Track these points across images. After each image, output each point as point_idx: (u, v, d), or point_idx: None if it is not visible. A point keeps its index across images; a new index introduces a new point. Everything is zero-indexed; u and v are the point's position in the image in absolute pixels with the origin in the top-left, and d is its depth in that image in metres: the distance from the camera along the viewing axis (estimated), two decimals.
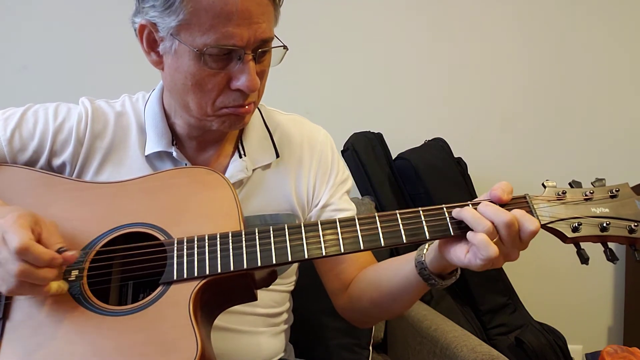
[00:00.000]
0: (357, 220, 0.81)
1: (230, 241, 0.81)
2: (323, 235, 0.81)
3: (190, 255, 0.81)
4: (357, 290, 1.02)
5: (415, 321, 1.42)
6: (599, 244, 0.81)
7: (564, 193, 0.82)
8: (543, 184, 0.83)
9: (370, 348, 1.48)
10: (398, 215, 0.81)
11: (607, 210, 0.80)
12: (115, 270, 0.86)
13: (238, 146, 1.03)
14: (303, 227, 0.81)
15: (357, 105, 1.99)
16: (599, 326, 2.16)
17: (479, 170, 1.89)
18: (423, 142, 1.88)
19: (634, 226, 0.78)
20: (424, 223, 0.80)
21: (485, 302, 1.73)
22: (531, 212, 0.80)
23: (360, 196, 1.79)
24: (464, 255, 0.78)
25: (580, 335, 2.10)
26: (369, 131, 1.86)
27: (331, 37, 1.97)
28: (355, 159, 1.81)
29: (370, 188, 1.78)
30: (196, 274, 0.79)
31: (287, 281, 1.10)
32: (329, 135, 1.12)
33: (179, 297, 0.78)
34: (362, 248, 0.80)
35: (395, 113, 2.02)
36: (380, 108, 2.01)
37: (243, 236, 0.81)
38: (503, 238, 0.77)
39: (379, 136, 1.85)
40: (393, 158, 1.86)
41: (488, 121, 2.07)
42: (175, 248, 0.82)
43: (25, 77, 1.84)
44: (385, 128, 1.88)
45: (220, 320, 0.89)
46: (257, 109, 1.08)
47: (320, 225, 0.81)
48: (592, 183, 0.83)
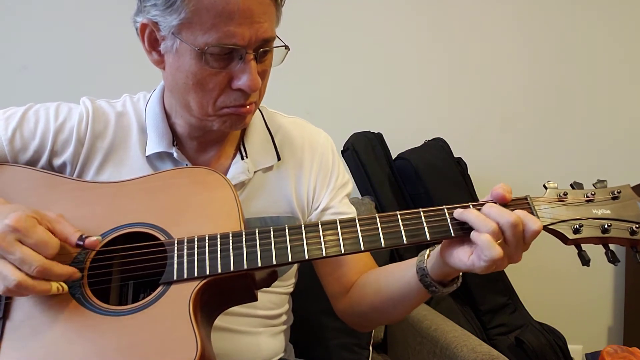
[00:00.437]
0: (358, 221, 0.81)
1: (230, 241, 0.81)
2: (323, 235, 0.80)
3: (190, 255, 0.81)
4: (358, 294, 1.01)
5: (415, 321, 1.42)
6: (600, 245, 0.81)
7: (565, 194, 0.81)
8: (544, 185, 0.83)
9: (370, 348, 1.48)
10: (399, 216, 0.81)
11: (609, 211, 0.80)
12: (115, 270, 0.86)
13: (240, 148, 1.03)
14: (303, 228, 0.81)
15: (357, 105, 1.99)
16: (599, 326, 2.16)
17: (479, 170, 1.89)
18: (423, 142, 1.88)
19: (636, 228, 0.78)
20: (425, 224, 0.80)
21: (485, 302, 1.73)
22: (532, 214, 0.80)
23: (360, 196, 1.79)
24: (467, 257, 0.77)
25: (580, 335, 2.10)
26: (369, 131, 1.86)
27: (331, 38, 1.97)
28: (355, 159, 1.81)
29: (370, 188, 1.78)
30: (196, 274, 0.79)
31: (287, 283, 1.10)
32: (330, 138, 1.12)
33: (179, 297, 0.78)
34: (363, 249, 0.80)
35: (395, 113, 2.02)
36: (380, 108, 2.01)
37: (243, 236, 0.81)
38: (508, 239, 0.76)
39: (379, 136, 1.85)
40: (393, 158, 1.86)
41: (488, 121, 2.06)
42: (175, 248, 0.82)
43: (25, 77, 1.84)
44: (385, 128, 1.88)
45: (219, 320, 0.89)
46: (259, 111, 1.08)
47: (320, 225, 0.81)
48: (594, 184, 0.83)
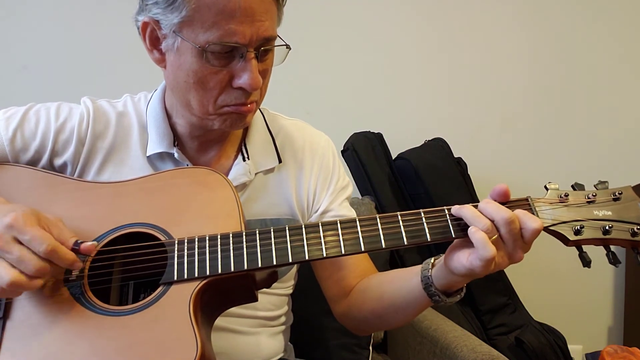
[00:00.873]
0: (358, 221, 0.81)
1: (230, 242, 0.81)
2: (324, 236, 0.81)
3: (190, 255, 0.81)
4: (359, 299, 1.01)
5: (415, 321, 1.42)
6: (601, 247, 0.81)
7: (567, 195, 0.81)
8: (545, 186, 0.83)
9: (370, 348, 1.48)
10: (399, 216, 0.81)
11: (610, 213, 0.80)
12: (115, 270, 0.86)
13: (241, 149, 1.03)
14: (304, 228, 0.81)
15: (357, 105, 1.99)
16: (599, 326, 2.16)
17: (479, 170, 1.89)
18: (423, 142, 1.88)
19: (637, 229, 0.78)
20: (425, 224, 0.80)
21: (485, 302, 1.73)
22: (533, 214, 0.79)
23: (360, 196, 1.78)
24: (466, 258, 0.78)
25: (580, 335, 2.10)
26: (369, 131, 1.86)
27: (331, 37, 1.97)
28: (355, 159, 1.81)
29: (370, 188, 1.78)
30: (197, 275, 0.79)
31: (286, 285, 1.10)
32: (331, 141, 1.12)
33: (180, 298, 0.78)
34: (363, 249, 0.80)
35: (395, 113, 2.02)
36: (380, 108, 2.01)
37: (244, 237, 0.81)
38: (504, 236, 0.76)
39: (379, 136, 1.85)
40: (393, 158, 1.85)
41: (488, 121, 2.06)
42: (175, 248, 0.82)
43: (25, 77, 1.83)
44: (385, 128, 1.88)
45: (219, 320, 0.89)
46: (261, 113, 1.08)
47: (321, 226, 0.81)
48: (595, 186, 0.83)
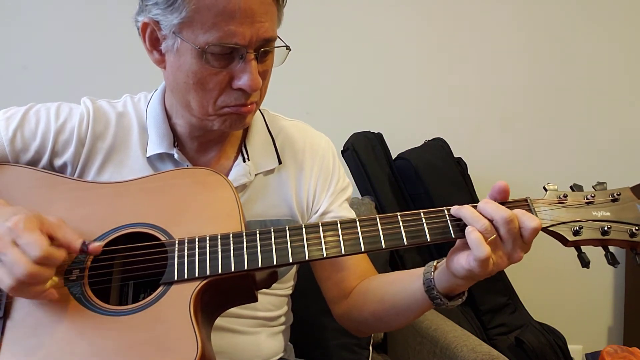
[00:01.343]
0: (358, 221, 0.81)
1: (231, 242, 0.81)
2: (324, 236, 0.81)
3: (191, 255, 0.81)
4: (359, 300, 1.01)
5: (415, 321, 1.41)
6: (600, 247, 0.81)
7: (565, 196, 0.82)
8: (544, 187, 0.83)
9: (370, 348, 1.48)
10: (399, 216, 0.81)
11: (608, 214, 0.80)
12: (116, 270, 0.86)
13: (242, 150, 1.03)
14: (304, 228, 0.81)
15: (357, 105, 1.99)
16: (599, 326, 2.16)
17: (479, 170, 1.89)
18: (423, 142, 1.88)
19: (635, 230, 0.78)
20: (425, 225, 0.80)
21: (485, 302, 1.73)
22: None
23: (360, 196, 1.78)
24: (465, 260, 0.78)
25: (580, 335, 2.10)
26: (369, 131, 1.86)
27: (331, 38, 1.97)
28: (355, 159, 1.81)
29: (370, 188, 1.78)
30: (197, 275, 0.79)
31: (286, 285, 1.10)
32: (331, 142, 1.12)
33: (180, 298, 0.78)
34: (363, 249, 0.80)
35: (395, 113, 2.02)
36: (380, 108, 2.01)
37: (244, 237, 0.81)
38: (503, 236, 0.77)
39: (379, 136, 1.85)
40: (393, 158, 1.85)
41: (488, 121, 2.06)
42: (176, 248, 0.82)
43: (25, 77, 1.83)
44: (385, 128, 1.88)
45: (219, 320, 0.89)
46: (261, 114, 1.08)
47: (321, 226, 0.81)
48: (594, 186, 0.83)
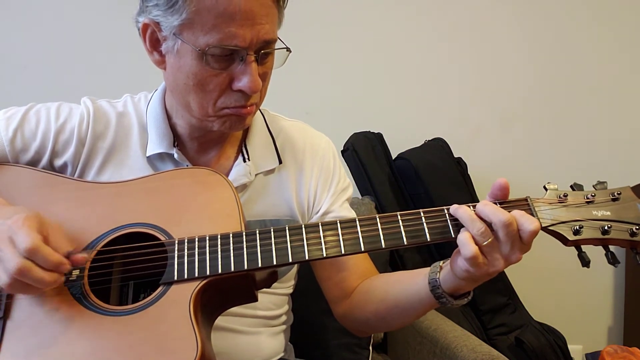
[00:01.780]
0: (358, 221, 0.81)
1: (231, 242, 0.81)
2: (324, 236, 0.81)
3: (190, 255, 0.81)
4: (362, 300, 1.00)
5: (415, 321, 1.42)
6: (600, 247, 0.81)
7: (566, 196, 0.81)
8: (545, 187, 0.83)
9: (370, 348, 1.48)
10: (399, 216, 0.81)
11: (609, 213, 0.80)
12: (116, 270, 0.86)
13: (242, 150, 1.03)
14: (304, 228, 0.81)
15: (357, 105, 1.99)
16: (599, 326, 2.16)
17: (479, 170, 1.89)
18: (423, 142, 1.88)
19: (636, 229, 0.78)
20: (425, 224, 0.80)
21: (485, 302, 1.73)
22: (533, 215, 0.79)
23: (360, 196, 1.78)
24: (462, 260, 0.77)
25: (580, 335, 2.10)
26: (369, 131, 1.86)
27: (331, 38, 1.96)
28: (355, 159, 1.81)
29: (370, 188, 1.78)
30: (197, 275, 0.79)
31: (286, 285, 1.10)
32: (332, 143, 1.12)
33: (180, 298, 0.78)
34: (363, 249, 0.80)
35: (395, 113, 2.01)
36: (380, 108, 2.01)
37: (244, 237, 0.82)
38: (501, 238, 0.76)
39: (379, 136, 1.85)
40: (393, 158, 1.85)
41: (488, 121, 2.06)
42: (176, 248, 0.82)
43: (25, 77, 1.84)
44: (385, 128, 1.88)
45: (219, 320, 0.89)
46: (261, 114, 1.08)
47: (321, 226, 0.81)
48: (594, 186, 0.83)
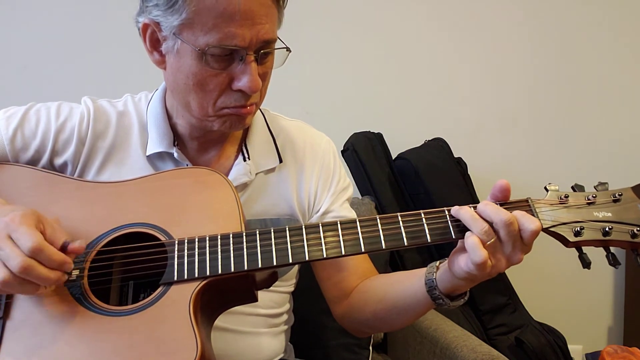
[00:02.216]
0: (358, 222, 0.81)
1: (231, 242, 0.81)
2: (324, 236, 0.81)
3: (190, 255, 0.81)
4: (360, 300, 1.00)
5: (415, 321, 1.41)
6: (601, 248, 0.81)
7: (567, 197, 0.81)
8: (545, 188, 0.83)
9: (370, 348, 1.48)
10: (399, 217, 0.81)
11: (610, 214, 0.80)
12: (116, 270, 0.86)
13: (242, 149, 1.03)
14: (304, 229, 0.81)
15: (357, 105, 1.99)
16: (599, 326, 2.16)
17: (479, 170, 1.89)
18: (423, 142, 1.88)
19: (637, 231, 0.78)
20: (425, 225, 0.80)
21: (485, 302, 1.73)
22: (533, 216, 0.79)
23: (360, 196, 1.78)
24: (464, 262, 0.77)
25: (580, 335, 2.10)
26: (369, 131, 1.86)
27: (331, 37, 1.96)
28: (355, 159, 1.81)
29: (370, 188, 1.78)
30: (197, 275, 0.79)
31: (288, 283, 1.10)
32: (332, 142, 1.12)
33: (180, 298, 0.78)
34: (363, 250, 0.80)
35: (395, 113, 2.01)
36: (380, 108, 2.01)
37: (244, 237, 0.81)
38: (502, 238, 0.76)
39: (379, 136, 1.85)
40: (393, 158, 1.85)
41: (488, 121, 2.06)
42: (176, 248, 0.82)
43: (25, 77, 1.83)
44: (385, 128, 1.88)
45: (220, 320, 0.89)
46: (261, 114, 1.08)
47: (321, 226, 0.81)
48: (595, 187, 0.83)
